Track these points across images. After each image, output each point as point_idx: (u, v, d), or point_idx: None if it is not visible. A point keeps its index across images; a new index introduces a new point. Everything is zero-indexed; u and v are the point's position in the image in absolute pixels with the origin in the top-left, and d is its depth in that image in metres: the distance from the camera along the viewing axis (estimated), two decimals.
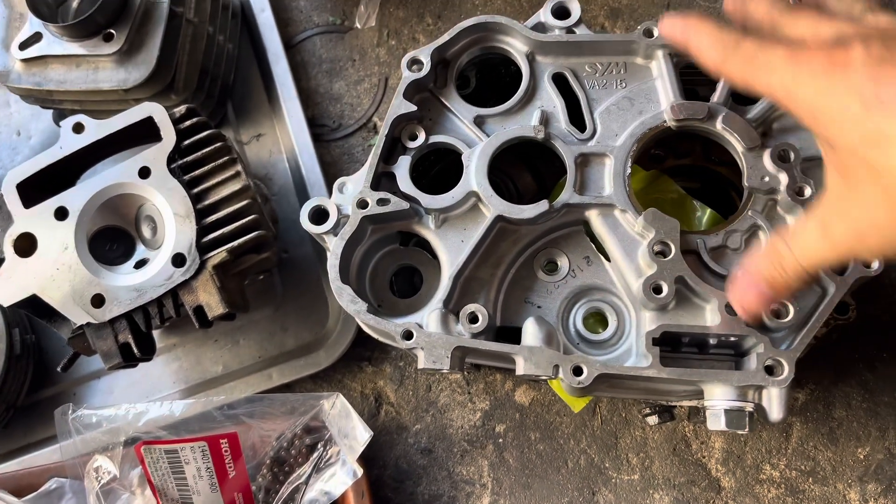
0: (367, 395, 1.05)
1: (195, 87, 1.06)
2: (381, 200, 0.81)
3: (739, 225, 0.79)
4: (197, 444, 0.88)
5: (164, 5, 1.00)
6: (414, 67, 0.85)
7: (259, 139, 1.15)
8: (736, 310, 0.71)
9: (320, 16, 1.22)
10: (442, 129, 0.86)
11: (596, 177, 0.82)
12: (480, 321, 0.77)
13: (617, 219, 0.80)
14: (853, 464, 0.95)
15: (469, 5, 1.17)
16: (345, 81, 1.18)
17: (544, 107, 0.84)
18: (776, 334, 0.75)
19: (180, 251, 0.87)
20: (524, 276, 0.84)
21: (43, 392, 1.10)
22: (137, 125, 0.91)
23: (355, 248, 0.84)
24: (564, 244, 0.84)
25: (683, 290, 0.77)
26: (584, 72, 0.85)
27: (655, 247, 0.76)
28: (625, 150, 0.81)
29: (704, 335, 0.75)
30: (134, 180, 0.89)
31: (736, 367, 0.77)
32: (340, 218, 0.82)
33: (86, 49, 0.98)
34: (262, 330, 1.08)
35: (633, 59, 0.85)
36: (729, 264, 0.78)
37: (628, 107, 0.84)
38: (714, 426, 0.74)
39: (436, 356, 0.75)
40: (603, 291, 0.83)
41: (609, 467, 0.98)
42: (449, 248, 0.81)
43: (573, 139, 0.83)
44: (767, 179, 0.78)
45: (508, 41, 0.87)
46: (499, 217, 0.80)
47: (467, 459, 1.01)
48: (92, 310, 0.87)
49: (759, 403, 0.73)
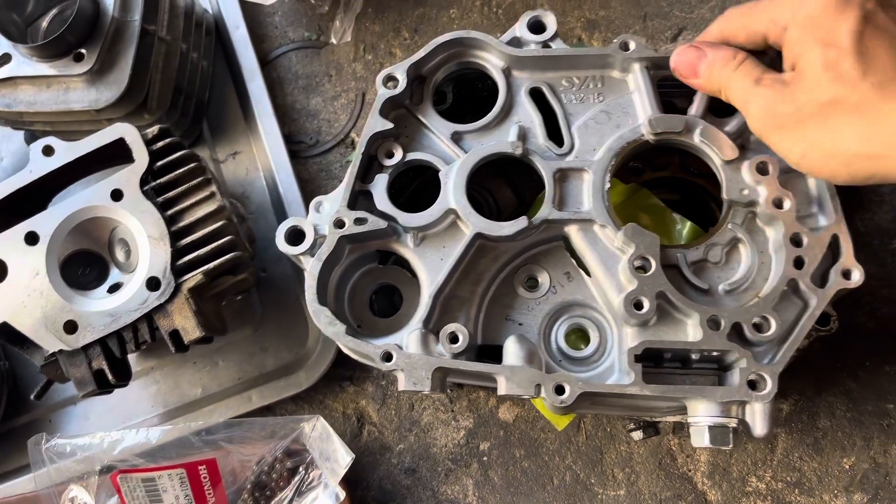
0: (349, 415, 1.04)
1: (169, 105, 1.05)
2: (358, 220, 0.80)
3: (720, 238, 0.78)
4: (175, 471, 0.87)
5: (136, 23, 0.98)
6: (389, 84, 0.84)
7: (235, 157, 1.14)
8: (671, 65, 0.76)
9: (296, 31, 1.21)
10: (419, 145, 0.85)
11: (575, 192, 0.81)
12: (461, 341, 0.76)
13: (596, 234, 0.80)
14: (839, 474, 0.94)
15: (445, 19, 1.17)
16: (321, 97, 1.17)
17: (522, 122, 0.84)
18: (758, 348, 0.75)
19: (155, 274, 0.85)
20: (505, 294, 0.83)
21: (17, 419, 1.08)
22: (109, 147, 0.90)
23: (333, 268, 0.83)
24: (545, 260, 0.83)
25: (665, 306, 0.76)
26: (560, 86, 0.85)
27: (636, 262, 0.75)
28: (603, 165, 0.80)
29: (687, 350, 0.75)
30: (106, 203, 0.88)
31: (720, 381, 0.77)
32: (317, 238, 0.81)
33: (56, 69, 0.96)
34: (242, 351, 1.06)
35: (610, 73, 0.84)
36: (710, 278, 0.78)
37: (606, 121, 0.83)
38: (698, 443, 0.73)
39: (416, 378, 0.74)
40: (584, 307, 0.82)
41: (595, 483, 0.97)
42: (428, 267, 0.80)
43: (551, 154, 0.82)
44: (746, 192, 0.77)
45: (484, 56, 0.87)
46: (478, 234, 0.79)
47: (452, 478, 1.00)
48: (65, 336, 0.85)
49: (743, 419, 0.73)
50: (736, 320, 0.73)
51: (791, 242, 0.76)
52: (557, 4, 1.14)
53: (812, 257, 0.75)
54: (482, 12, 1.16)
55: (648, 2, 1.12)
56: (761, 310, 0.74)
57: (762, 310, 0.74)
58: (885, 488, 0.93)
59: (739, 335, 0.74)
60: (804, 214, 0.78)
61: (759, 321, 0.74)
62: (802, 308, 0.76)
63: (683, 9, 1.11)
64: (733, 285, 0.77)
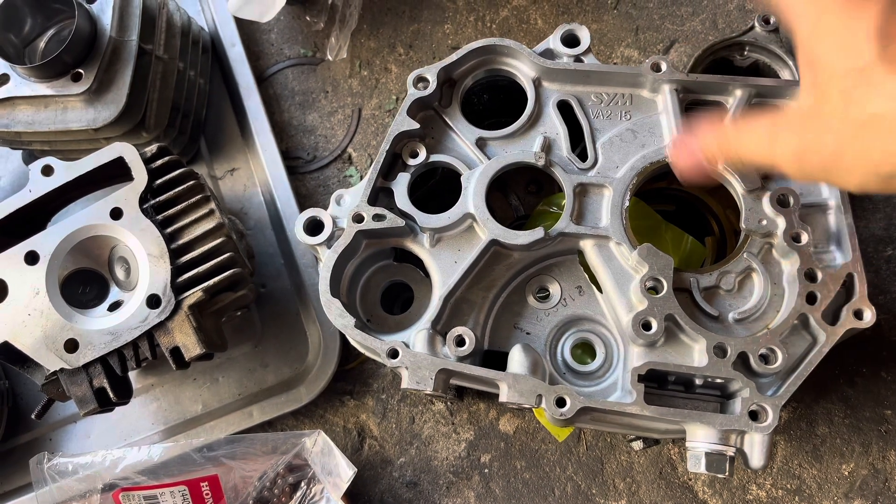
0: (349, 429, 1.04)
1: (167, 123, 1.05)
2: (377, 216, 0.81)
3: (734, 266, 0.78)
4: (177, 488, 0.87)
5: (133, 43, 0.99)
6: (420, 85, 0.85)
7: (233, 174, 1.15)
8: (671, 164, 0.72)
9: (291, 48, 1.22)
10: (443, 147, 0.86)
11: (594, 207, 0.81)
12: (467, 345, 0.76)
13: (611, 251, 0.80)
14: (838, 480, 0.95)
15: (440, 34, 1.18)
16: (318, 113, 1.18)
17: (547, 133, 0.84)
18: (763, 380, 0.75)
19: (155, 292, 0.86)
20: (515, 302, 0.83)
21: (18, 439, 1.08)
22: (108, 166, 0.90)
23: (348, 261, 0.84)
24: (558, 272, 0.83)
25: (673, 328, 0.76)
26: (589, 101, 0.85)
27: (648, 282, 0.75)
28: (624, 183, 0.80)
29: (691, 375, 0.74)
30: (106, 221, 0.88)
31: (722, 409, 0.76)
32: (335, 231, 0.82)
33: (54, 89, 0.97)
34: (242, 367, 1.06)
35: (640, 92, 0.84)
36: (721, 305, 0.78)
37: (631, 139, 0.83)
38: (694, 468, 0.73)
39: (419, 377, 0.74)
40: (593, 322, 0.82)
41: (596, 493, 0.98)
42: (442, 268, 0.81)
43: (574, 168, 0.82)
44: (765, 223, 0.77)
45: (516, 65, 0.87)
46: (493, 241, 0.80)
47: (453, 491, 1.00)
48: (65, 355, 0.85)
49: (741, 448, 0.72)
50: (742, 350, 0.73)
51: (805, 277, 0.76)
52: (551, 19, 1.15)
53: (825, 294, 0.75)
54: (476, 27, 1.17)
55: (640, 15, 1.14)
56: (769, 341, 0.74)
57: (770, 341, 0.74)
58: (884, 494, 0.93)
59: (745, 365, 0.74)
60: (821, 250, 0.78)
61: (767, 352, 0.74)
62: (811, 343, 0.76)
63: (675, 21, 1.13)
64: (744, 314, 0.77)
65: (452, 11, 1.19)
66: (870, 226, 1.01)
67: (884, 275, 0.99)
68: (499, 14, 1.17)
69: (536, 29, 1.16)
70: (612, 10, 1.15)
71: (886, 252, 1.00)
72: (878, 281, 0.99)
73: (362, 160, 1.14)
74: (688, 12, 1.13)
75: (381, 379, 1.05)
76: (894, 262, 1.00)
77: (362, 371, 1.06)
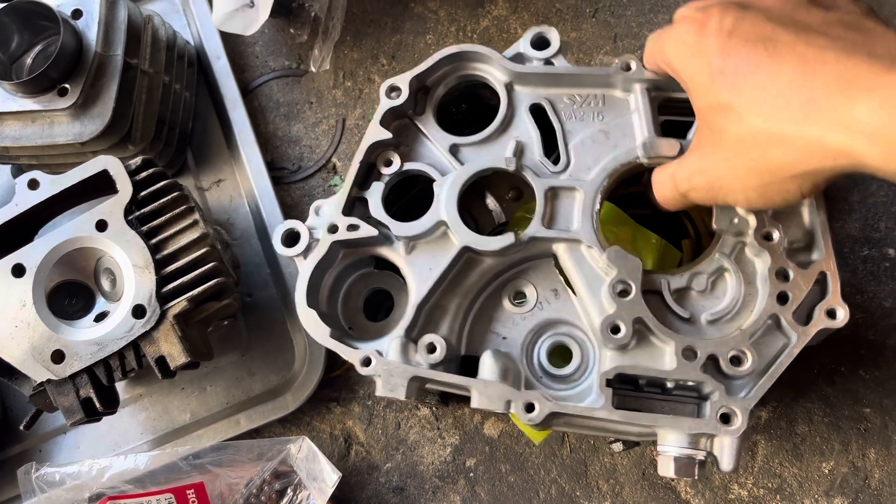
0: (336, 435, 1.05)
1: (153, 136, 1.07)
2: (351, 226, 0.82)
3: (706, 267, 0.78)
4: (163, 496, 0.88)
5: (119, 58, 1.01)
6: (392, 94, 0.85)
7: (219, 185, 1.16)
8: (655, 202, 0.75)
9: (276, 60, 1.23)
10: (417, 155, 0.86)
11: (565, 211, 0.81)
12: (438, 352, 0.77)
13: (583, 254, 0.79)
14: (819, 479, 0.96)
15: (422, 45, 1.20)
16: (303, 124, 1.20)
17: (520, 137, 0.83)
18: (734, 382, 0.74)
19: (140, 302, 0.87)
20: (492, 306, 0.84)
21: (8, 450, 1.09)
22: (93, 179, 0.91)
23: (325, 271, 0.84)
24: (533, 275, 0.83)
25: (644, 331, 0.75)
26: (562, 103, 0.84)
27: (617, 286, 0.75)
28: (595, 186, 0.80)
29: (661, 379, 0.74)
30: (91, 234, 0.89)
31: (698, 410, 0.76)
32: (311, 242, 0.83)
33: (41, 104, 0.98)
34: (229, 376, 1.07)
35: (612, 92, 0.83)
36: (693, 306, 0.77)
37: (603, 140, 0.82)
38: (664, 472, 0.73)
39: (392, 385, 0.75)
40: (569, 325, 0.82)
41: (580, 496, 0.99)
42: (417, 275, 0.81)
43: (546, 171, 0.82)
44: (736, 221, 0.76)
45: (488, 70, 0.86)
46: (465, 248, 0.80)
47: (439, 495, 1.01)
48: (52, 366, 0.86)
49: (711, 452, 0.72)
50: (712, 352, 0.73)
51: (777, 276, 0.75)
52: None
53: (797, 293, 0.74)
54: (457, 37, 1.19)
55: (618, 23, 1.15)
56: (739, 343, 0.73)
57: (740, 343, 0.73)
58: (865, 492, 0.94)
59: (716, 367, 0.73)
60: (795, 248, 0.77)
61: (737, 354, 0.73)
62: (786, 343, 0.75)
63: (652, 28, 1.14)
64: (716, 315, 0.76)
65: (434, 22, 1.20)
66: (846, 226, 1.03)
67: (860, 274, 1.01)
68: (479, 24, 1.19)
69: (516, 38, 1.16)
70: (591, 19, 1.16)
71: (863, 252, 1.01)
72: (854, 280, 1.00)
73: (347, 170, 1.14)
74: (665, 19, 1.14)
75: (367, 385, 1.06)
76: (871, 261, 1.01)
77: (348, 378, 1.07)
